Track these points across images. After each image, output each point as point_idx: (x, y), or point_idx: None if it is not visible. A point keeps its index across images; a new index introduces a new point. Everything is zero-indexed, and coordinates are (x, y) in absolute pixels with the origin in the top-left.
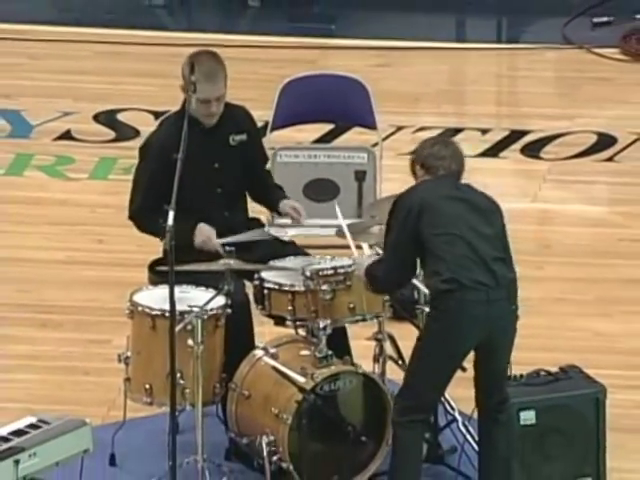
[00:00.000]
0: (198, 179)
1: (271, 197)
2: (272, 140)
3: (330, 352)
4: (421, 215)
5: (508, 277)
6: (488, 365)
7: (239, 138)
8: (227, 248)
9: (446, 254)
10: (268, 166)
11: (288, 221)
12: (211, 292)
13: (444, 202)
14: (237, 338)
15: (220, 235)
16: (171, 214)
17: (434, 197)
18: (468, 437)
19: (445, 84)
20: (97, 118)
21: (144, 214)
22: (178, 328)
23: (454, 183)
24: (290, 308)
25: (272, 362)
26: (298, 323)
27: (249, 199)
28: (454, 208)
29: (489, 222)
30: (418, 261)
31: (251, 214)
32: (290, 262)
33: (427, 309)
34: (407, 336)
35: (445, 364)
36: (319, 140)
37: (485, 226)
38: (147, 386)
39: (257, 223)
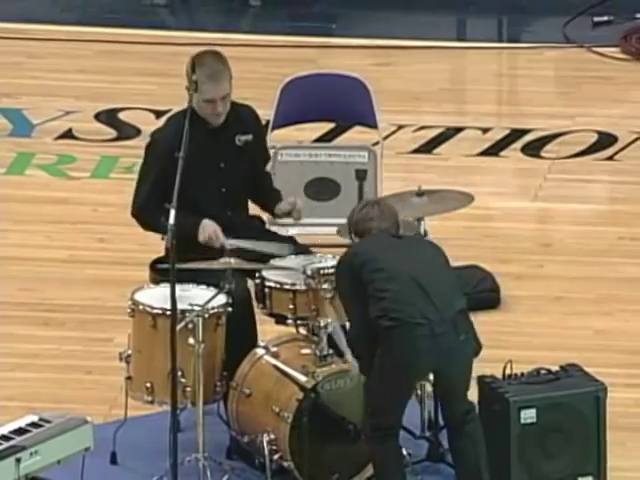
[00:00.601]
0: (203, 178)
1: (269, 199)
2: (273, 139)
3: (331, 351)
4: (361, 266)
5: (453, 309)
6: (444, 388)
7: (245, 138)
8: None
9: (386, 293)
10: (269, 166)
11: (288, 220)
12: (212, 291)
13: (381, 246)
14: (239, 335)
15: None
16: (172, 213)
17: (370, 247)
18: None
19: (446, 83)
20: (98, 117)
21: (147, 211)
22: (179, 327)
23: (389, 235)
24: (291, 307)
25: (273, 361)
26: (299, 322)
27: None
28: (392, 249)
29: (429, 256)
30: None
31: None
32: (291, 261)
33: None
34: None
35: (399, 392)
36: (320, 139)
37: (425, 261)
38: (148, 384)
39: (258, 221)
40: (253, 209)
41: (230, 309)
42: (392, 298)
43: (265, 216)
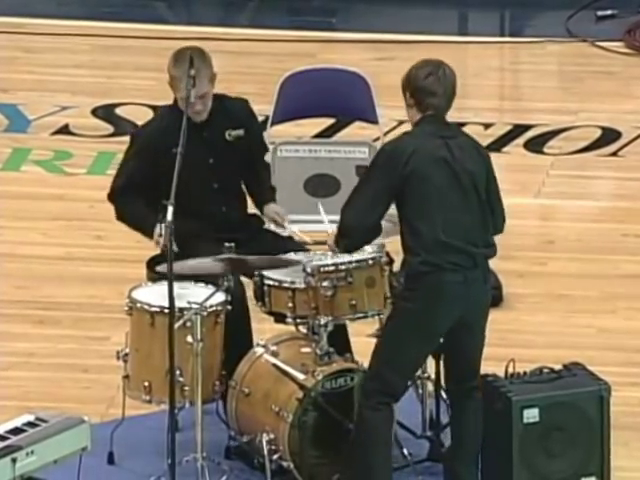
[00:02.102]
0: (193, 174)
1: (260, 196)
2: (272, 135)
3: (331, 349)
4: (408, 173)
5: (485, 255)
6: (463, 348)
7: (235, 133)
8: (227, 245)
9: (424, 231)
10: (268, 159)
11: (290, 217)
12: (211, 288)
13: (431, 168)
14: (234, 333)
15: (218, 231)
16: (170, 209)
17: (423, 157)
18: None
19: None
20: (95, 112)
21: (123, 200)
22: (177, 325)
23: (441, 132)
24: (290, 305)
25: (272, 359)
26: (298, 320)
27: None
28: (439, 178)
29: (472, 193)
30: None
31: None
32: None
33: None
34: None
35: (416, 346)
36: (320, 135)
37: (466, 200)
38: (146, 383)
39: (256, 220)
40: (252, 208)
41: (229, 307)
42: (426, 239)
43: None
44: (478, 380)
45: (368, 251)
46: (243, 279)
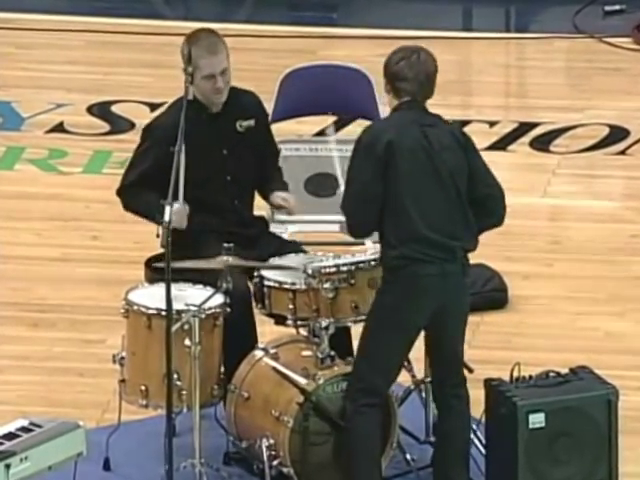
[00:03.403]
0: (207, 166)
1: (269, 186)
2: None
3: (332, 353)
4: (384, 165)
5: (464, 248)
6: (442, 343)
7: (247, 124)
8: (226, 245)
9: (400, 224)
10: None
11: (287, 217)
12: (209, 290)
13: (408, 160)
14: (238, 337)
15: (229, 225)
16: (167, 209)
17: (399, 149)
18: (475, 440)
19: (451, 75)
20: (91, 110)
21: (133, 192)
22: (175, 328)
23: (418, 120)
24: (291, 307)
25: (272, 363)
26: (299, 322)
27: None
28: (416, 171)
29: (451, 186)
30: None
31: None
32: (291, 260)
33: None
34: None
35: (393, 340)
36: (321, 133)
37: (444, 192)
38: (143, 388)
39: (261, 222)
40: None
41: (228, 309)
42: (403, 230)
43: (265, 213)
44: (462, 377)
45: (370, 252)
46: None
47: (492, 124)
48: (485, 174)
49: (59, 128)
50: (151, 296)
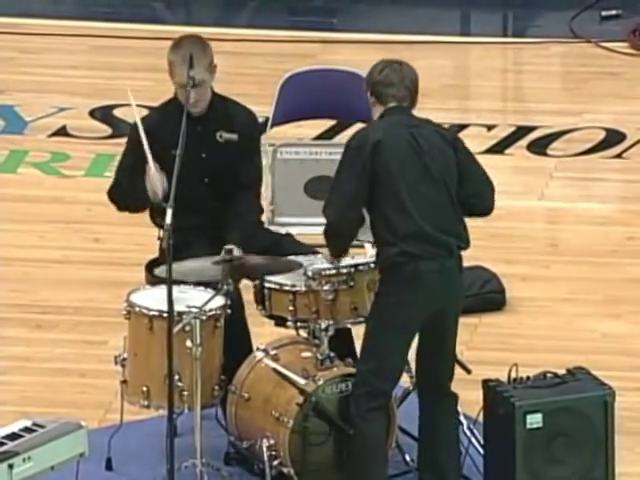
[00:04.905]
0: (186, 167)
1: (232, 228)
2: (272, 136)
3: (332, 354)
4: (374, 166)
5: (458, 245)
6: (442, 339)
7: (228, 136)
8: (226, 247)
9: (398, 221)
10: (267, 164)
11: (287, 220)
12: (210, 292)
13: (398, 158)
14: (232, 337)
15: (211, 227)
16: (169, 212)
17: (388, 149)
18: (473, 441)
19: (449, 79)
20: (93, 114)
21: (118, 187)
22: (176, 329)
23: (405, 122)
24: (291, 309)
25: (273, 364)
26: (299, 324)
27: None
28: (407, 168)
29: (441, 184)
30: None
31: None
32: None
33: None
34: None
35: (398, 339)
36: (320, 136)
37: (436, 190)
38: (144, 388)
39: (253, 216)
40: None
41: (229, 311)
42: (400, 228)
43: (265, 217)
44: (452, 379)
45: (370, 254)
46: (243, 280)
47: (490, 128)
48: (476, 171)
49: (62, 132)
50: (153, 298)
